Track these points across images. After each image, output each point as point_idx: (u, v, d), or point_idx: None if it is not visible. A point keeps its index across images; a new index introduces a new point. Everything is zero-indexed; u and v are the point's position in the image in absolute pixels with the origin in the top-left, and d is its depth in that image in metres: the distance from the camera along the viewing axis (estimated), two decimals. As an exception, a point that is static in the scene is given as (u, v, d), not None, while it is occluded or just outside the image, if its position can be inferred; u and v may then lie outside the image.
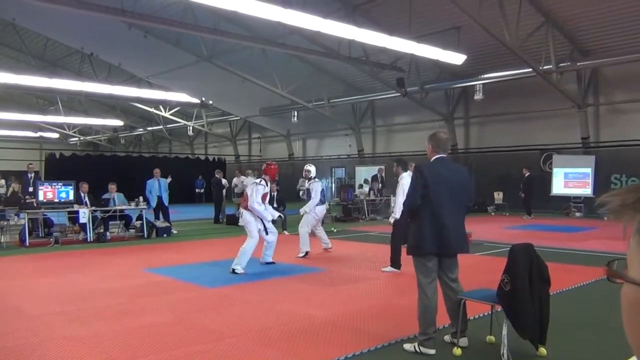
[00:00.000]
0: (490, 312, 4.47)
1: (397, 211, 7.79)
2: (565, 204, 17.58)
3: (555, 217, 16.94)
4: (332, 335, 4.76)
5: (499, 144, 20.09)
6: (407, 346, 4.27)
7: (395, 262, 7.91)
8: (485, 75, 18.33)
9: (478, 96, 18.79)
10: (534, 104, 18.62)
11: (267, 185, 8.52)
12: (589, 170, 17.05)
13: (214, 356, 4.18)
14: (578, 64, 16.46)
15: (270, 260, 8.72)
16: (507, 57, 16.17)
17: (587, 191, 17.05)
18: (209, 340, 4.59)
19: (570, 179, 17.51)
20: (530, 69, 15.85)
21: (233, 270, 7.83)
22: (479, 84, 18.72)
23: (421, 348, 4.14)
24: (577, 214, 17.04)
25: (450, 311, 4.39)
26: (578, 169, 17.32)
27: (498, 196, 18.27)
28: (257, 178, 9.23)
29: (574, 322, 5.14)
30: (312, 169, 10.31)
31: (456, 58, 15.07)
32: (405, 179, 7.92)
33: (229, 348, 4.38)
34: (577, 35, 16.08)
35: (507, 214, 17.60)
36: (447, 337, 4.38)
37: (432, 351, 4.13)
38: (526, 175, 16.98)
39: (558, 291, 6.15)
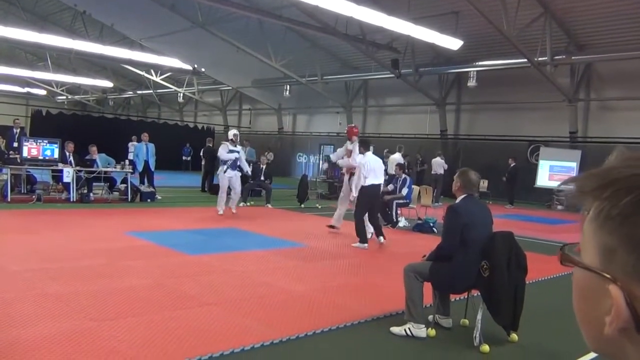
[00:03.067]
0: (466, 296, 4.55)
1: (354, 189, 8.17)
2: (548, 196, 17.77)
3: (538, 208, 17.15)
4: (309, 308, 4.82)
5: (489, 133, 20.18)
6: (396, 329, 4.25)
7: (363, 237, 8.13)
8: (480, 63, 18.33)
9: (471, 83, 18.81)
10: (525, 95, 18.67)
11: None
12: (574, 165, 17.21)
13: (192, 321, 4.21)
14: (573, 57, 16.51)
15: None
16: (503, 46, 16.14)
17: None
18: (188, 307, 4.63)
19: (555, 172, 17.66)
20: (525, 60, 15.85)
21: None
22: (473, 71, 18.73)
23: (412, 330, 4.18)
24: (559, 207, 17.24)
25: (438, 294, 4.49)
26: (563, 163, 17.47)
27: (483, 184, 18.36)
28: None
29: (547, 311, 5.25)
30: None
31: (453, 43, 15.02)
32: (367, 157, 8.24)
33: (207, 314, 4.42)
34: (574, 29, 16.09)
35: (490, 202, 17.75)
36: (430, 317, 4.46)
37: (424, 333, 4.19)
38: (512, 165, 17.10)
39: (534, 280, 6.27)
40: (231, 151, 10.69)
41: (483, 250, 4.12)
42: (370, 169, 8.16)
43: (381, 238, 8.34)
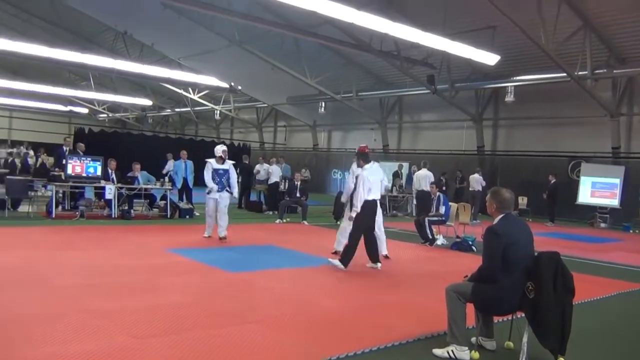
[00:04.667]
0: (511, 318, 4.44)
1: (359, 204, 7.56)
2: (590, 213, 17.28)
3: (580, 226, 16.69)
4: (350, 327, 4.77)
5: (527, 148, 19.82)
6: (439, 351, 4.15)
7: (346, 259, 7.43)
8: (518, 78, 18.07)
9: (509, 98, 18.55)
10: (565, 110, 18.31)
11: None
12: (617, 181, 16.72)
13: (233, 340, 4.22)
14: (614, 71, 16.12)
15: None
16: (542, 60, 15.91)
17: (614, 202, 16.73)
18: (228, 324, 4.65)
19: (597, 189, 17.20)
20: (565, 74, 15.58)
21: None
22: (511, 86, 18.47)
23: (455, 353, 4.09)
24: (602, 225, 16.75)
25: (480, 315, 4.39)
26: (606, 179, 16.99)
27: (522, 201, 18.04)
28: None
29: (595, 334, 5.08)
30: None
31: (489, 58, 14.86)
32: (366, 171, 7.71)
33: (248, 333, 4.42)
34: (615, 42, 15.74)
35: (530, 219, 17.35)
36: (473, 339, 4.36)
37: (467, 356, 4.10)
38: (552, 181, 16.74)
39: (580, 302, 6.07)
40: (216, 170, 9.59)
41: (528, 271, 4.01)
42: (372, 182, 7.76)
43: (379, 264, 7.75)
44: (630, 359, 4.43)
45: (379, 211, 8.42)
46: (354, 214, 7.65)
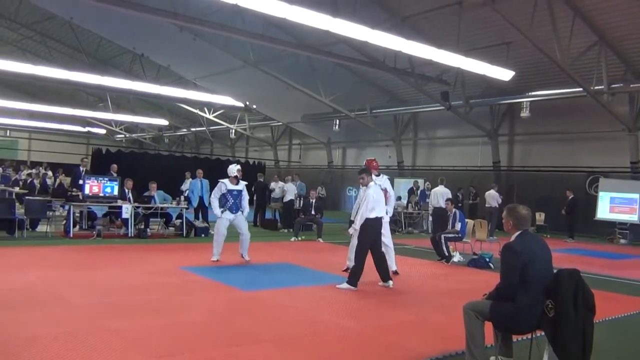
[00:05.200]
0: (530, 337, 4.36)
1: (358, 222, 7.43)
2: (609, 229, 17.02)
3: (599, 242, 16.42)
4: (366, 347, 4.72)
5: (544, 164, 19.64)
6: None
7: (354, 279, 7.33)
8: (533, 93, 17.99)
9: (524, 114, 18.47)
10: (581, 125, 18.16)
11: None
12: (637, 196, 16.47)
13: (249, 359, 4.20)
14: (631, 85, 15.97)
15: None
16: (557, 75, 15.83)
17: (634, 217, 16.47)
18: (243, 343, 4.62)
19: (616, 204, 16.95)
20: (581, 89, 15.48)
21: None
22: (526, 102, 18.38)
23: None
24: (622, 241, 16.47)
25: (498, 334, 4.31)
26: (625, 194, 16.75)
27: (540, 217, 17.84)
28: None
29: (617, 353, 4.97)
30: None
31: (504, 74, 14.82)
32: (371, 189, 7.53)
33: (263, 352, 4.40)
34: (631, 56, 15.62)
35: (548, 235, 17.11)
36: (492, 359, 4.28)
37: None
38: (570, 197, 16.55)
39: (601, 320, 5.95)
40: (230, 191, 9.17)
41: (547, 289, 3.94)
42: (376, 200, 7.55)
43: (390, 282, 7.63)
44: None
45: (387, 226, 8.40)
46: (352, 231, 7.58)
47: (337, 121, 25.23)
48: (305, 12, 10.70)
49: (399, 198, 19.43)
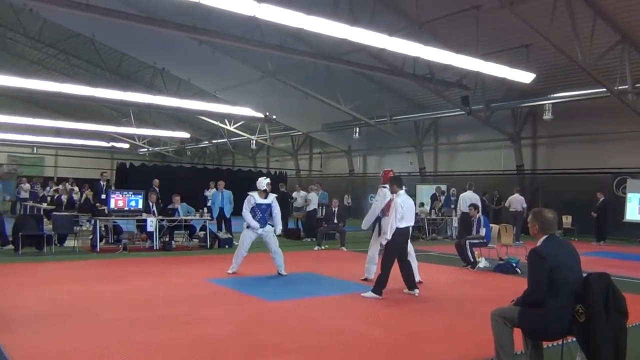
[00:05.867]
0: (561, 343, 4.27)
1: (389, 231, 7.31)
2: (639, 231, 16.64)
3: (629, 244, 16.07)
4: (392, 356, 4.68)
5: (568, 166, 19.32)
6: None
7: (379, 288, 7.26)
8: (555, 95, 17.74)
9: (547, 116, 18.23)
10: (606, 125, 17.84)
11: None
12: (666, 196, 16.10)
13: (275, 371, 4.20)
14: (657, 84, 15.66)
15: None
16: (579, 76, 15.60)
17: (665, 218, 16.09)
18: (269, 355, 4.62)
19: (645, 205, 16.58)
20: (604, 89, 15.23)
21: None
22: (549, 104, 18.16)
23: None
24: (653, 243, 16.10)
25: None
26: (655, 195, 16.38)
27: (567, 220, 17.54)
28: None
29: (652, 358, 4.83)
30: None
31: (524, 77, 14.67)
32: (401, 197, 7.46)
33: (289, 363, 4.39)
34: (655, 54, 15.32)
35: (576, 239, 16.82)
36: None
37: None
38: (601, 199, 16.26)
39: (634, 324, 5.81)
40: (258, 205, 8.96)
41: (576, 294, 3.87)
42: (406, 210, 7.49)
43: (416, 291, 7.56)
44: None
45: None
46: (384, 242, 7.46)
47: (357, 129, 25.21)
48: (323, 21, 10.75)
49: (421, 204, 19.36)
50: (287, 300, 7.01)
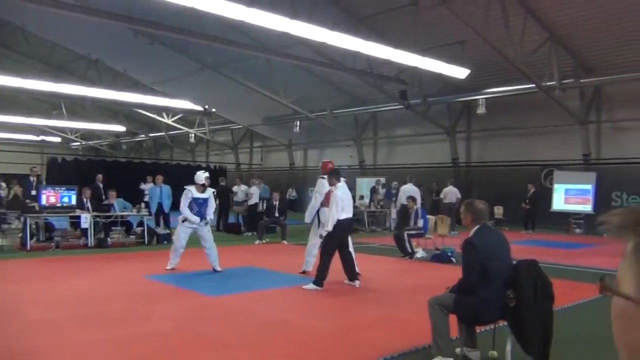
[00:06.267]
0: (493, 327, 4.49)
1: (330, 223, 7.37)
2: (565, 220, 17.58)
3: (555, 232, 16.95)
4: (336, 346, 4.77)
5: (500, 159, 20.14)
6: None
7: (320, 280, 7.31)
8: (488, 90, 18.43)
9: (481, 110, 18.88)
10: (536, 120, 18.69)
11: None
12: (589, 187, 17.07)
13: (217, 365, 4.18)
14: (581, 80, 16.55)
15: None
16: (511, 72, 16.25)
17: (588, 208, 17.06)
18: (213, 349, 4.60)
19: (570, 195, 17.53)
20: (534, 85, 15.94)
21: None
22: (482, 99, 18.82)
23: None
24: (577, 231, 17.05)
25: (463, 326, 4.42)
26: (579, 186, 17.34)
27: (498, 211, 18.28)
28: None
29: (576, 338, 5.15)
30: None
31: (460, 72, 15.15)
32: (340, 189, 7.58)
33: (234, 357, 4.39)
34: (580, 52, 16.18)
35: (507, 228, 17.58)
36: (457, 350, 4.39)
37: None
38: (532, 190, 17.03)
39: (559, 308, 6.15)
40: (195, 199, 8.76)
41: (507, 281, 4.07)
42: (346, 201, 7.62)
43: (356, 282, 7.66)
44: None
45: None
46: (324, 233, 7.49)
47: (298, 122, 25.26)
48: (263, 14, 10.68)
49: (361, 197, 19.65)
50: (228, 295, 6.98)
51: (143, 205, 13.21)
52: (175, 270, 8.80)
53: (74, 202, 11.97)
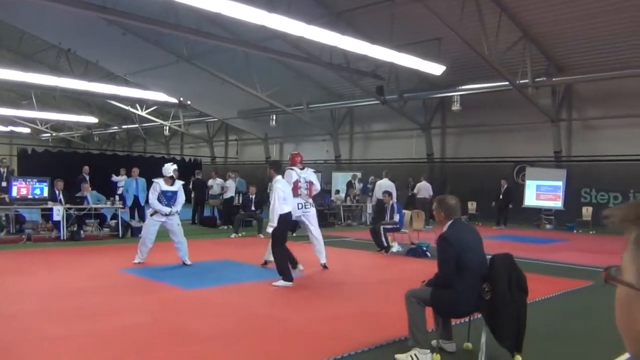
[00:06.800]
0: (468, 320, 4.57)
1: (275, 218, 7.32)
2: (536, 215, 17.94)
3: (527, 228, 17.28)
4: (312, 339, 4.80)
5: (475, 155, 20.41)
6: (402, 356, 4.20)
7: (286, 275, 7.23)
8: (463, 87, 18.64)
9: (456, 107, 19.09)
10: (509, 117, 18.99)
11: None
12: (560, 184, 17.44)
13: (195, 358, 4.18)
14: (553, 79, 16.88)
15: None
16: (485, 69, 16.47)
17: (558, 204, 17.44)
18: (189, 343, 4.58)
19: (542, 192, 17.89)
20: (507, 83, 16.18)
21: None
22: (457, 95, 19.03)
23: (418, 356, 4.17)
24: (548, 226, 17.41)
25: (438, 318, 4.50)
26: (550, 182, 17.70)
27: (471, 206, 18.56)
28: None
29: (548, 330, 5.28)
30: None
31: (436, 68, 15.30)
32: (279, 183, 7.55)
33: (210, 350, 4.39)
34: (553, 51, 16.48)
35: (480, 224, 17.88)
36: (433, 342, 4.46)
37: (429, 358, 4.18)
38: (504, 186, 17.31)
39: (531, 301, 6.29)
40: (164, 192, 8.62)
41: (482, 274, 4.16)
42: (287, 194, 7.58)
43: (299, 266, 7.85)
44: (579, 354, 4.64)
45: (314, 219, 8.58)
46: (270, 229, 7.41)
47: (274, 116, 25.19)
48: (241, 7, 10.61)
49: (337, 192, 19.72)
50: (204, 288, 6.95)
51: (117, 197, 13.02)
52: (145, 263, 8.71)
53: (46, 194, 11.74)
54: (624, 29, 14.30)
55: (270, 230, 7.42)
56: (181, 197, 8.93)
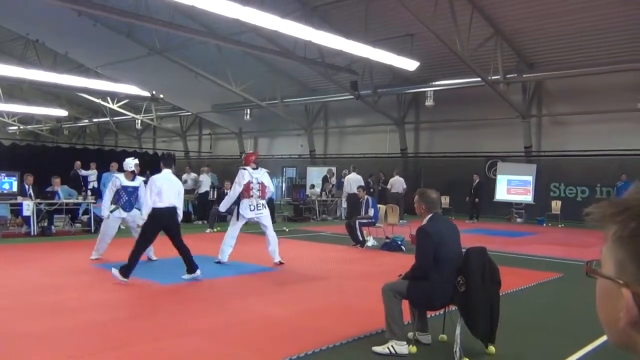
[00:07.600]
0: (444, 312, 4.67)
1: (145, 211, 7.13)
2: (507, 209, 18.29)
3: (498, 222, 17.61)
4: (290, 333, 4.84)
5: (447, 150, 20.67)
6: (379, 348, 4.27)
7: (129, 270, 6.69)
8: (437, 83, 18.84)
9: (429, 102, 19.29)
10: (481, 112, 19.27)
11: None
12: (530, 178, 17.81)
13: (173, 353, 4.17)
14: (524, 75, 17.20)
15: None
16: (458, 66, 16.68)
17: (528, 198, 17.81)
18: (168, 337, 4.58)
19: (512, 186, 18.24)
20: (479, 79, 16.42)
21: None
22: (430, 91, 19.22)
23: (395, 348, 4.24)
24: (518, 220, 17.77)
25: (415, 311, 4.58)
26: (520, 177, 18.06)
27: (445, 201, 18.78)
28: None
29: (520, 321, 5.42)
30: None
31: (409, 64, 15.44)
32: (157, 180, 7.09)
33: (189, 344, 4.38)
34: (523, 48, 16.79)
35: (453, 217, 18.11)
36: (410, 334, 4.54)
37: (406, 350, 4.26)
38: (476, 181, 17.59)
39: (505, 293, 6.44)
40: (124, 187, 8.33)
41: (458, 267, 4.25)
42: (166, 189, 7.08)
43: (198, 272, 7.04)
44: (550, 344, 4.78)
45: (268, 220, 8.54)
46: (141, 222, 7.15)
47: (248, 111, 25.07)
48: None
49: (312, 186, 19.75)
50: (181, 283, 6.93)
51: (89, 192, 12.81)
52: (121, 259, 8.57)
53: (15, 188, 11.50)
54: (590, 27, 14.65)
55: (140, 223, 7.27)
56: (143, 194, 8.20)
